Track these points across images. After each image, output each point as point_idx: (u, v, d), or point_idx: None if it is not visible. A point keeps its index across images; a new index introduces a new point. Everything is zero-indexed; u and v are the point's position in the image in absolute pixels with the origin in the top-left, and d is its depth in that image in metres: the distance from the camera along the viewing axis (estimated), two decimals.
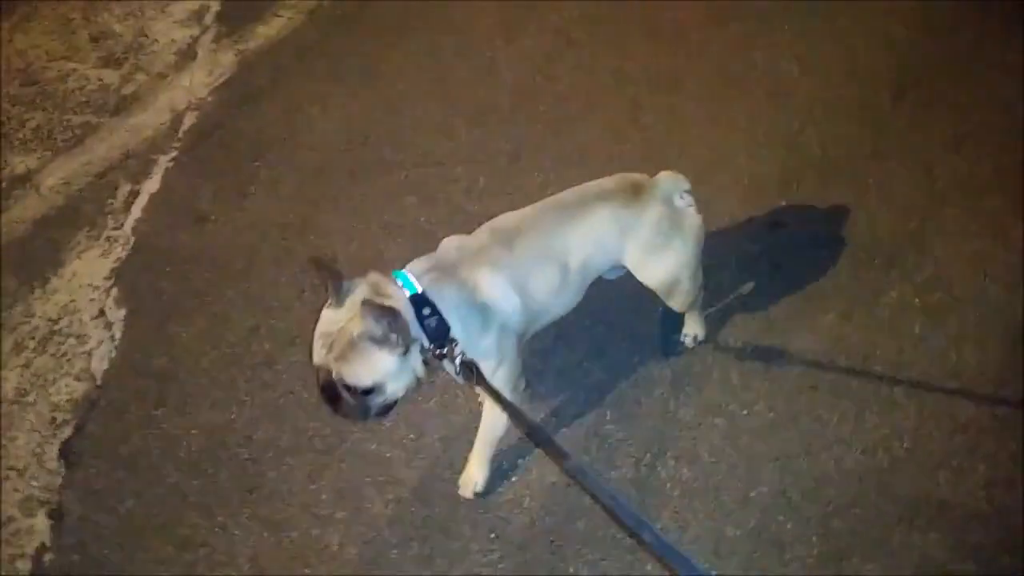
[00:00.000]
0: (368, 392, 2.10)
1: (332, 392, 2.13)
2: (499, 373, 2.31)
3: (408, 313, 2.09)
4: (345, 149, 3.90)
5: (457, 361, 2.09)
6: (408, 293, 2.13)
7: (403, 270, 2.20)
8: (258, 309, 3.24)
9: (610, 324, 2.95)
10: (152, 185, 3.83)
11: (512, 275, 2.27)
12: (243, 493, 2.74)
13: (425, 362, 2.14)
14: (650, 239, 2.43)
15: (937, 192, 3.23)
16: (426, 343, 2.11)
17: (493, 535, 2.57)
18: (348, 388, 2.10)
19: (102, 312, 3.33)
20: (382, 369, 2.07)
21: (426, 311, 2.11)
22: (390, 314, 1.99)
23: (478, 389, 2.20)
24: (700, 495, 2.58)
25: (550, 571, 2.48)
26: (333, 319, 2.10)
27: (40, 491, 2.83)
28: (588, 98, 3.95)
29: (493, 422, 2.50)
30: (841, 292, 3.00)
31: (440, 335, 2.11)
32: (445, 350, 2.11)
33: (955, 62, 3.70)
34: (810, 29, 4.03)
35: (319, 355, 2.11)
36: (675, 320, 2.87)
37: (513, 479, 2.68)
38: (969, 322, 2.86)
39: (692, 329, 2.88)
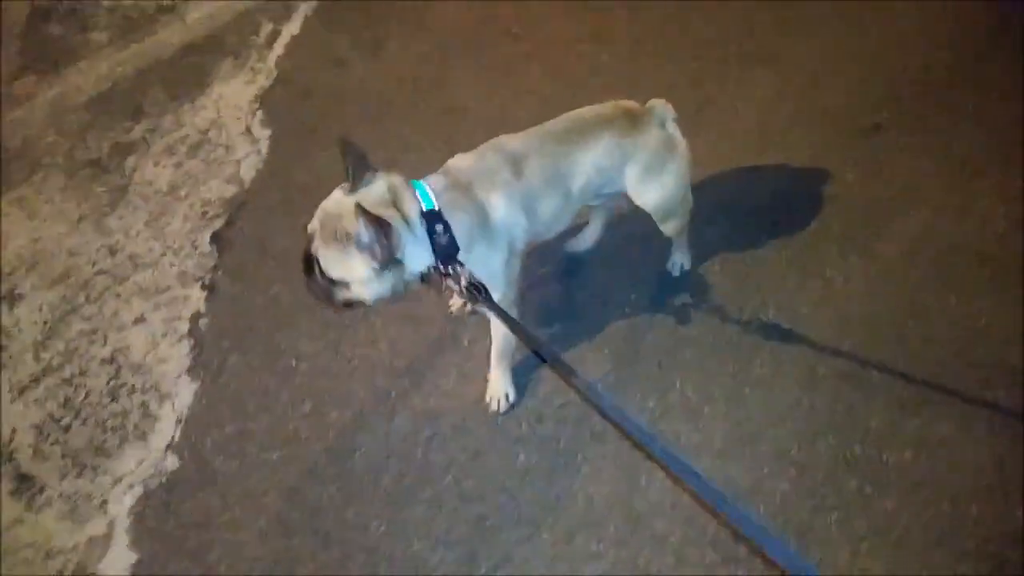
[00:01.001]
0: (334, 282, 2.15)
1: (308, 263, 2.16)
2: (503, 294, 2.35)
3: (419, 227, 2.12)
4: (476, 21, 4.15)
5: (463, 283, 2.11)
6: (424, 207, 2.14)
7: (421, 181, 2.21)
8: (392, 147, 3.48)
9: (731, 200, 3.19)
10: (292, 28, 4.09)
11: (522, 199, 2.32)
12: None
13: (424, 279, 2.21)
14: (649, 163, 2.52)
15: None
16: (433, 261, 2.14)
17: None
18: (320, 268, 2.14)
19: (248, 130, 3.60)
20: (352, 271, 2.09)
21: (439, 227, 2.12)
22: (381, 227, 2.00)
23: (482, 309, 2.23)
24: (795, 340, 2.81)
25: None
26: (339, 203, 2.11)
27: (195, 268, 3.11)
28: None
29: (504, 337, 2.59)
30: (935, 192, 3.23)
31: (449, 255, 2.14)
32: (451, 270, 2.13)
33: None
34: None
35: (313, 225, 2.13)
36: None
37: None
38: None
39: (679, 258, 3.03)
